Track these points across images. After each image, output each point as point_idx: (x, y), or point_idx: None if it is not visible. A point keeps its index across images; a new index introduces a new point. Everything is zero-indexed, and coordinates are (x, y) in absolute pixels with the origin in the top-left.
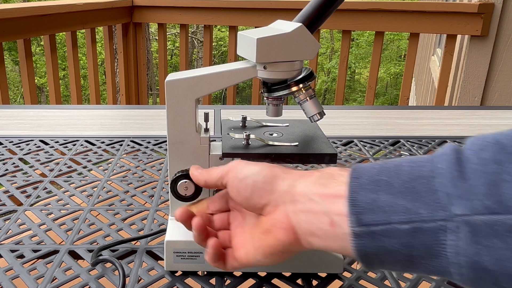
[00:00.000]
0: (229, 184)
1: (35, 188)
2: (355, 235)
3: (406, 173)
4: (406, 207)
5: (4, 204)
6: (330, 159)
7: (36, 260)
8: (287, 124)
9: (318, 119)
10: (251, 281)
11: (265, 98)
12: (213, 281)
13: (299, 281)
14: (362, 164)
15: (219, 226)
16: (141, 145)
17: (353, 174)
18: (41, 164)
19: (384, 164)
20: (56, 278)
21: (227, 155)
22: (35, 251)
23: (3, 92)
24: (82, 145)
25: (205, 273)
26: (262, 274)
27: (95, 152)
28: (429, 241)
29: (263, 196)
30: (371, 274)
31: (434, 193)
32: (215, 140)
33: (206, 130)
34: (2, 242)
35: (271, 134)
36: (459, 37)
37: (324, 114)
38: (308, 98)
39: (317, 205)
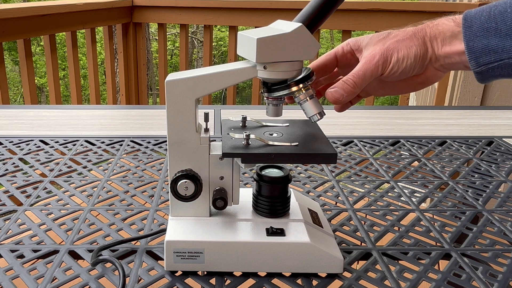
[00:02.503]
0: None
1: (35, 188)
2: (476, 73)
3: (510, 18)
4: None
5: (4, 204)
6: (330, 159)
7: (36, 260)
8: (287, 124)
9: (318, 119)
10: (251, 281)
11: (265, 98)
12: (213, 281)
13: (299, 281)
14: (472, 11)
15: None
16: (141, 145)
17: (465, 23)
18: (41, 164)
19: (491, 11)
20: (56, 278)
21: (227, 155)
22: (35, 251)
23: (3, 92)
24: (82, 145)
25: (205, 273)
26: (262, 274)
27: (95, 152)
28: None
29: None
30: (371, 274)
31: None
32: (215, 140)
33: (206, 130)
34: (2, 242)
35: (271, 134)
36: None
37: (324, 114)
38: (308, 98)
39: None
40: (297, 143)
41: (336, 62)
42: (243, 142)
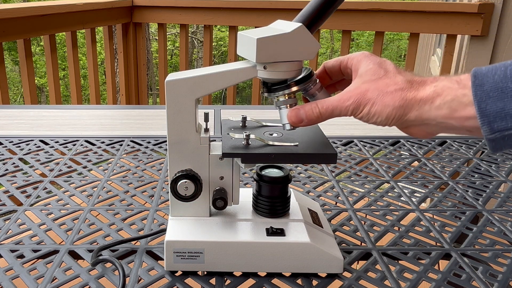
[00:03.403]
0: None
1: (35, 188)
2: (490, 140)
3: None
4: None
5: (4, 204)
6: (330, 159)
7: (36, 260)
8: None
9: (291, 128)
10: (251, 281)
11: (275, 100)
12: (213, 281)
13: (299, 281)
14: (482, 68)
15: None
16: (141, 145)
17: (475, 81)
18: (41, 164)
19: (506, 70)
20: (56, 278)
21: (227, 155)
22: (35, 251)
23: (3, 92)
24: (82, 145)
25: (205, 273)
26: (262, 274)
27: (95, 152)
28: None
29: None
30: (371, 274)
31: None
32: (215, 140)
33: (206, 130)
34: (2, 242)
35: (271, 134)
36: (459, 37)
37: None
38: (288, 105)
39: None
40: (297, 143)
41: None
42: (243, 142)
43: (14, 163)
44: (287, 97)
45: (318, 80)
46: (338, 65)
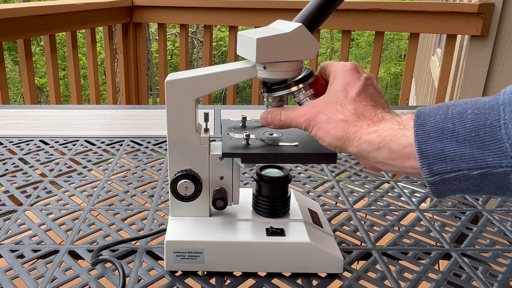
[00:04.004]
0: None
1: (35, 188)
2: (430, 183)
3: (470, 121)
4: (474, 156)
5: (4, 204)
6: (330, 159)
7: (36, 260)
8: None
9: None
10: (251, 281)
11: (265, 99)
12: (213, 281)
13: (299, 281)
14: (426, 108)
15: None
16: (141, 145)
17: (418, 121)
18: (41, 164)
19: (448, 110)
20: (56, 278)
21: (227, 155)
22: (35, 251)
23: (3, 92)
24: (82, 145)
25: (205, 273)
26: (262, 274)
27: (95, 152)
28: (498, 181)
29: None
30: (371, 274)
31: (499, 142)
32: (215, 140)
33: (206, 130)
34: (2, 242)
35: (271, 134)
36: (459, 37)
37: None
38: (308, 98)
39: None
40: (297, 143)
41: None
42: (243, 142)
43: (14, 163)
44: (304, 90)
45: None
46: (326, 69)
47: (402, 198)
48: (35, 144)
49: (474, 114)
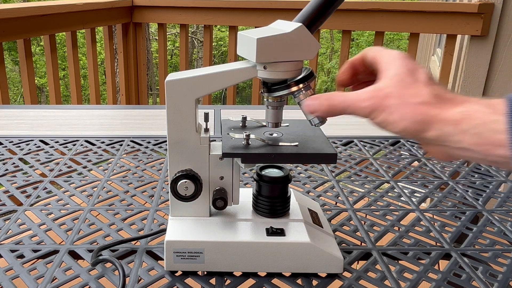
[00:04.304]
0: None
1: (35, 188)
2: None
3: None
4: None
5: (4, 204)
6: (330, 159)
7: (36, 260)
8: (287, 124)
9: (319, 122)
10: (251, 281)
11: (265, 99)
12: (213, 281)
13: (299, 281)
14: None
15: None
16: (141, 145)
17: (510, 104)
18: (41, 164)
19: None
20: (56, 278)
21: (227, 155)
22: (35, 251)
23: (3, 92)
24: (82, 145)
25: (205, 273)
26: (262, 274)
27: (95, 152)
28: None
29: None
30: (371, 274)
31: None
32: (215, 140)
33: (206, 130)
34: (2, 242)
35: (271, 134)
36: (459, 37)
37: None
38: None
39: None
40: (297, 143)
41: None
42: (243, 142)
43: (14, 163)
44: (304, 90)
45: (311, 88)
46: (372, 57)
47: (402, 198)
48: (35, 144)
49: None
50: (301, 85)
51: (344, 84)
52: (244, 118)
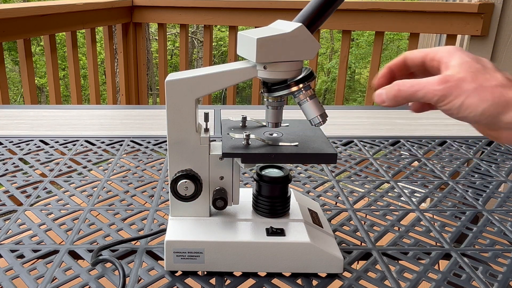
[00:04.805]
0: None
1: (35, 188)
2: None
3: None
4: None
5: (4, 204)
6: (330, 159)
7: (36, 260)
8: (287, 124)
9: (319, 122)
10: (251, 281)
11: (265, 100)
12: (213, 281)
13: (299, 281)
14: None
15: None
16: (141, 145)
17: None
18: (41, 164)
19: None
20: (56, 278)
21: (227, 155)
22: (35, 251)
23: (3, 92)
24: (82, 145)
25: (205, 273)
26: (262, 274)
27: (95, 152)
28: None
29: None
30: (371, 274)
31: None
32: (215, 140)
33: (206, 130)
34: (2, 242)
35: (271, 134)
36: (459, 37)
37: (327, 117)
38: (308, 98)
39: None
40: (297, 143)
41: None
42: (243, 142)
43: (14, 163)
44: (304, 90)
45: (311, 88)
46: (421, 57)
47: (402, 198)
48: (35, 144)
49: None
50: (301, 85)
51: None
52: (244, 118)
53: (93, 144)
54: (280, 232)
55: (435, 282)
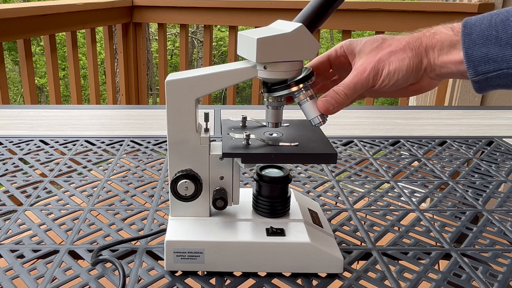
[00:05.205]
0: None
1: (35, 188)
2: (474, 82)
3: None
4: None
5: (4, 204)
6: (330, 159)
7: (36, 260)
8: (287, 124)
9: (319, 122)
10: (251, 281)
11: (265, 100)
12: (213, 281)
13: (299, 281)
14: (472, 18)
15: None
16: (141, 145)
17: (465, 30)
18: (41, 164)
19: (492, 19)
20: (56, 278)
21: (227, 155)
22: (35, 251)
23: (3, 92)
24: (82, 145)
25: (205, 273)
26: (262, 274)
27: (95, 152)
28: None
29: None
30: (371, 274)
31: None
32: (215, 140)
33: (206, 130)
34: (2, 242)
35: (271, 134)
36: None
37: (327, 117)
38: (308, 98)
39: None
40: (297, 143)
41: (330, 65)
42: (243, 142)
43: (14, 163)
44: (304, 91)
45: (312, 88)
46: (325, 60)
47: (402, 198)
48: (35, 144)
49: None
50: (301, 85)
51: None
52: (244, 118)
53: (93, 144)
54: (280, 232)
55: (435, 282)
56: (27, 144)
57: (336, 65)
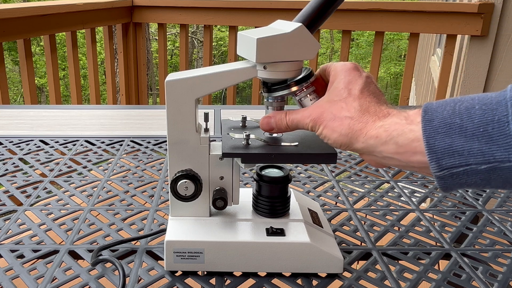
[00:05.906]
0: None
1: (35, 188)
2: (438, 178)
3: (478, 116)
4: (482, 150)
5: (4, 204)
6: (330, 159)
7: (36, 260)
8: None
9: None
10: (251, 281)
11: (265, 100)
12: (213, 281)
13: (299, 281)
14: (433, 103)
15: None
16: (141, 145)
17: (425, 116)
18: (41, 164)
19: (455, 105)
20: (56, 278)
21: (227, 155)
22: (35, 251)
23: (3, 92)
24: (82, 145)
25: (205, 273)
26: (262, 274)
27: (95, 152)
28: (505, 175)
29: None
30: (371, 274)
31: (507, 137)
32: (215, 140)
33: (206, 130)
34: (2, 242)
35: (271, 134)
36: (459, 37)
37: None
38: (308, 98)
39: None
40: (297, 143)
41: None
42: (243, 142)
43: (14, 163)
44: (305, 89)
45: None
46: (320, 73)
47: (402, 198)
48: (35, 144)
49: (481, 109)
50: (301, 85)
51: None
52: (244, 118)
53: (93, 144)
54: (280, 232)
55: (435, 282)
56: (27, 144)
57: (325, 77)
